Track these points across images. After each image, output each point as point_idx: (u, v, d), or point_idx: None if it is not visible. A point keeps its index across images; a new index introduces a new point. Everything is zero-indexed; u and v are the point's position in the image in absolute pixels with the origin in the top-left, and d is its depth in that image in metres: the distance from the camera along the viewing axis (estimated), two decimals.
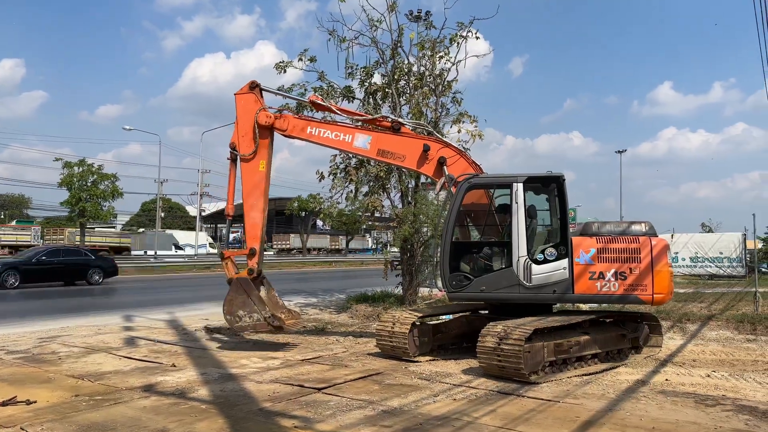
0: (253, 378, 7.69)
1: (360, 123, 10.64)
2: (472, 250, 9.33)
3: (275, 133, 10.37)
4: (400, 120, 10.62)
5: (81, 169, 31.30)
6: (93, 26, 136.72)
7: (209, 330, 12.06)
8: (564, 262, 8.60)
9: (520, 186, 8.71)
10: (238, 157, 10.21)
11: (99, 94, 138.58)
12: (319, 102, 11.22)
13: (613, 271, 8.55)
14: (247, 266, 9.92)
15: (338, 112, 10.75)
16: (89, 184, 31.13)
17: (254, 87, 10.37)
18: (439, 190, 9.77)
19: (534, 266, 8.58)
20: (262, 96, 10.46)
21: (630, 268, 8.54)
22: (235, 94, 10.35)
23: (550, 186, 9.14)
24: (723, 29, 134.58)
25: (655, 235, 8.85)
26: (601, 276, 8.57)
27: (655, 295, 8.53)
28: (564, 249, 8.67)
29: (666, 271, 8.60)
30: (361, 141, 10.05)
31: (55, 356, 9.21)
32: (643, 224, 9.00)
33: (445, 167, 9.61)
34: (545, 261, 8.64)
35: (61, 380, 7.56)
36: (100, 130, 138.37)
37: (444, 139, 10.73)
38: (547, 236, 9.15)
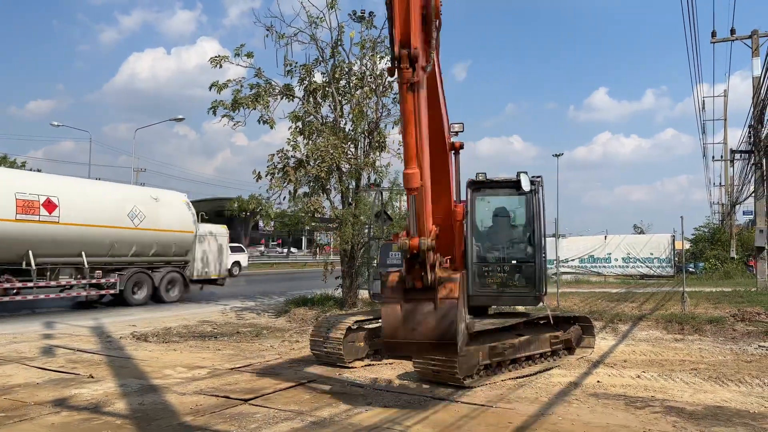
0: (176, 389, 7.26)
1: None
2: None
3: None
4: None
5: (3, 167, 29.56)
6: (22, 18, 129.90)
7: (136, 337, 11.45)
8: None
9: None
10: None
11: (29, 89, 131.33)
12: None
13: None
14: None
15: None
16: None
17: None
18: None
19: None
20: None
21: None
22: None
23: None
24: (655, 39, 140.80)
25: None
26: None
27: None
28: None
29: None
30: None
31: None
32: None
33: None
34: None
35: None
36: (31, 127, 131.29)
37: None
38: None
